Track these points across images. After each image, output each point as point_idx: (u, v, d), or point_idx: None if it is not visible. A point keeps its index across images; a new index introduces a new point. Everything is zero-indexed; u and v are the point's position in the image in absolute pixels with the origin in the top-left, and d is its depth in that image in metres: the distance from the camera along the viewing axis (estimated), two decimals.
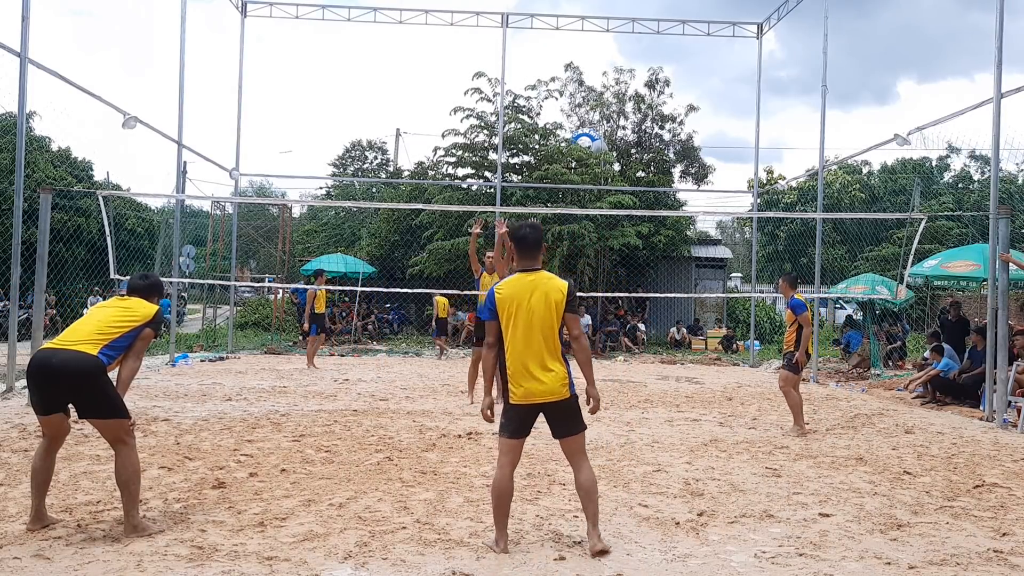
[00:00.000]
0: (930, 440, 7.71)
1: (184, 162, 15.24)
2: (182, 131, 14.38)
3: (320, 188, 37.49)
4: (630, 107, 25.31)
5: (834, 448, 7.17)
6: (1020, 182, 26.17)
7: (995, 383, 9.07)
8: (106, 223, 11.12)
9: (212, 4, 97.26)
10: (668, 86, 25.03)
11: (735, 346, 20.31)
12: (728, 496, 5.31)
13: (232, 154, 17.49)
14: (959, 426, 8.76)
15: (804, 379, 10.96)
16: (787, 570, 3.92)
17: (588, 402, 4.21)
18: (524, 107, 22.70)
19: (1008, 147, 11.09)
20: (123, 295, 4.70)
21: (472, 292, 11.89)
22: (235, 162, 17.46)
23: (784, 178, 31.17)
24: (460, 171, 22.68)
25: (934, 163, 34.34)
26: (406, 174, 27.08)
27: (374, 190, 32.49)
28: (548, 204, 20.11)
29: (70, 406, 4.24)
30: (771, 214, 24.67)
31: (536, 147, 21.48)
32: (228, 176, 17.51)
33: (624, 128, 25.69)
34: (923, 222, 11.70)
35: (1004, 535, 4.55)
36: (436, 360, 16.25)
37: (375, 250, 23.01)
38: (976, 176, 33.96)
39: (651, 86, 24.99)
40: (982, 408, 9.58)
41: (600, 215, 18.44)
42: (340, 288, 18.96)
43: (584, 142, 22.35)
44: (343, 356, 16.84)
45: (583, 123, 25.65)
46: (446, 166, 22.87)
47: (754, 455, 6.76)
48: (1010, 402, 8.97)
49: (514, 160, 21.84)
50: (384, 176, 33.56)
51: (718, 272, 24.75)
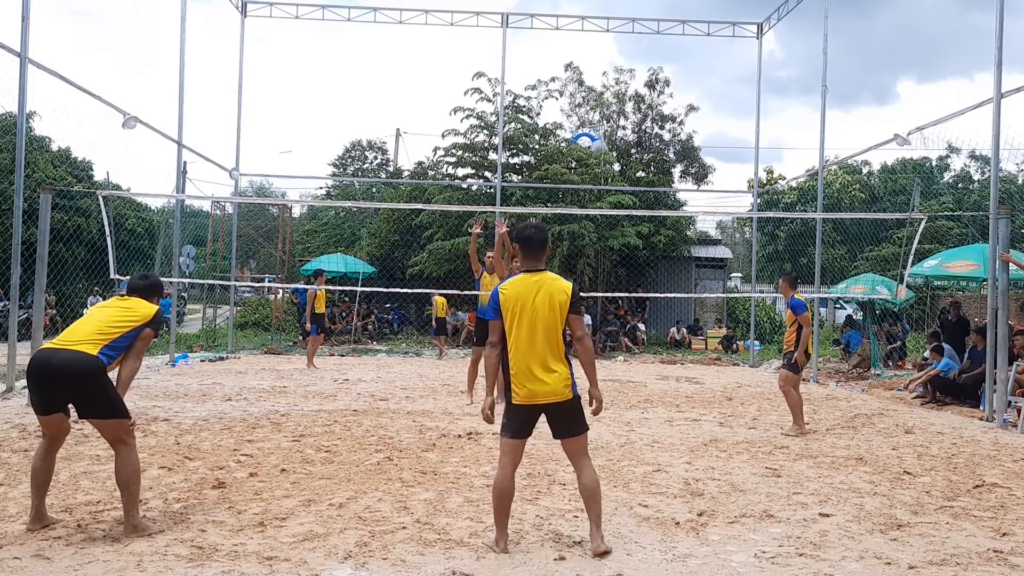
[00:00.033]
0: (930, 440, 7.71)
1: (184, 162, 15.25)
2: (182, 131, 14.39)
3: (320, 188, 37.57)
4: (630, 107, 25.33)
5: (834, 448, 7.17)
6: (1020, 182, 26.17)
7: (995, 383, 9.07)
8: (106, 223, 11.12)
9: (212, 4, 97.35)
10: (668, 86, 25.11)
11: (735, 346, 20.30)
12: (728, 496, 5.31)
13: (232, 154, 17.52)
14: (959, 426, 8.76)
15: (804, 379, 10.96)
16: (787, 570, 3.92)
17: (590, 403, 4.22)
18: (524, 107, 22.71)
19: (1008, 147, 11.10)
20: (123, 295, 4.70)
21: (472, 292, 11.88)
22: (235, 162, 17.47)
23: (784, 178, 31.17)
24: (460, 171, 22.68)
25: (934, 163, 34.35)
26: (406, 174, 27.07)
27: (374, 190, 32.49)
28: (548, 204, 20.10)
29: (70, 406, 4.24)
30: (771, 214, 24.66)
31: (536, 147, 21.48)
32: (228, 176, 17.51)
33: (624, 128, 25.73)
34: (923, 222, 11.70)
35: (1004, 535, 4.55)
36: (436, 360, 16.25)
37: (375, 250, 23.00)
38: (976, 176, 33.98)
39: (651, 86, 25.02)
40: (982, 408, 9.58)
41: (600, 215, 18.44)
42: (340, 288, 18.95)
43: (584, 142, 22.35)
44: (343, 356, 16.84)
45: (583, 123, 25.67)
46: (446, 166, 22.87)
47: (754, 455, 6.76)
48: (1010, 402, 8.97)
49: (514, 160, 21.84)
50: (384, 176, 33.57)
51: (718, 272, 24.74)
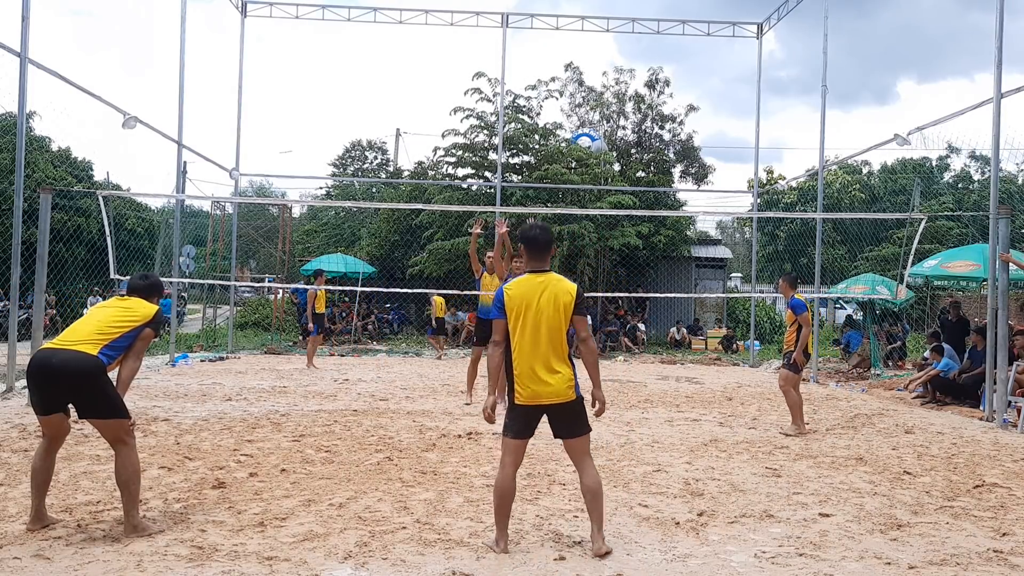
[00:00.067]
0: (930, 440, 7.71)
1: (184, 162, 15.24)
2: (182, 131, 14.39)
3: (320, 188, 37.57)
4: (630, 107, 25.33)
5: (834, 448, 7.17)
6: (1020, 182, 26.16)
7: (995, 383, 9.07)
8: (106, 223, 11.12)
9: (212, 4, 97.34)
10: (668, 86, 25.10)
11: (735, 346, 20.30)
12: (728, 496, 5.31)
13: (232, 154, 17.51)
14: (959, 426, 8.76)
15: (804, 379, 10.96)
16: (787, 570, 3.92)
17: (593, 404, 4.22)
18: (524, 107, 22.70)
19: (1008, 147, 11.10)
20: (123, 295, 4.70)
21: (472, 292, 11.88)
22: (235, 162, 17.46)
23: (784, 178, 31.15)
24: (460, 171, 22.67)
25: (934, 163, 34.34)
26: (406, 174, 27.07)
27: (374, 190, 32.49)
28: (548, 204, 20.10)
29: (70, 406, 4.24)
30: (771, 214, 24.66)
31: (536, 147, 21.47)
32: (228, 176, 17.51)
33: (624, 128, 25.73)
34: (923, 222, 11.70)
35: (1004, 535, 4.55)
36: (436, 360, 16.25)
37: (375, 250, 23.00)
38: (976, 176, 33.97)
39: (651, 86, 25.02)
40: (982, 408, 9.58)
41: (600, 215, 18.43)
42: (340, 288, 18.96)
43: (584, 142, 22.34)
44: (343, 356, 16.84)
45: (583, 123, 25.66)
46: (446, 166, 22.86)
47: (754, 455, 6.76)
48: (1010, 402, 8.97)
49: (514, 160, 21.84)
50: (384, 176, 33.57)
51: (718, 272, 24.74)
